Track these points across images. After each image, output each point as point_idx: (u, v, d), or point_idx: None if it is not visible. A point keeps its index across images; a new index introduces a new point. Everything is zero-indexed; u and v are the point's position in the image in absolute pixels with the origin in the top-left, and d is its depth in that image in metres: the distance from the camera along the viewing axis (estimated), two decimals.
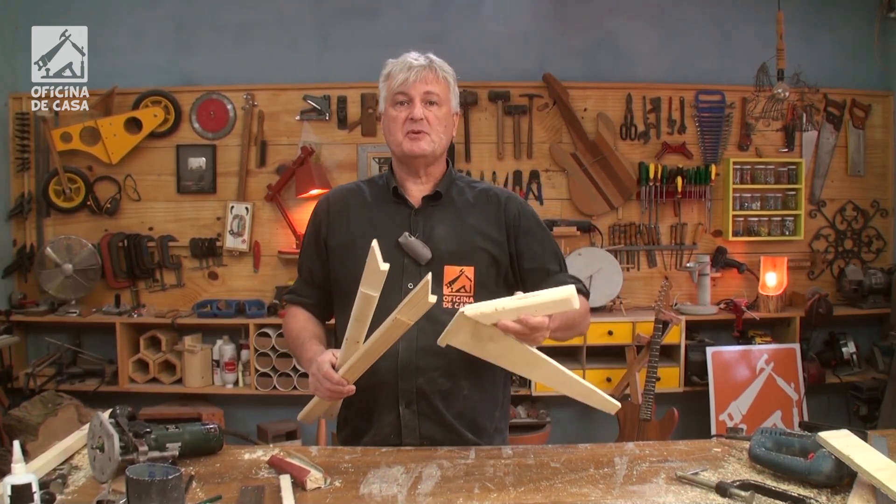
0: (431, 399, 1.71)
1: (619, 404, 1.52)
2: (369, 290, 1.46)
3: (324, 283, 1.85)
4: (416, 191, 1.80)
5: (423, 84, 1.71)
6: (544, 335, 1.46)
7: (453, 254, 1.73)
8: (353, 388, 1.56)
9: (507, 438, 1.88)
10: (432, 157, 1.77)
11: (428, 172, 1.80)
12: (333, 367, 1.56)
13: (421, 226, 1.76)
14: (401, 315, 1.43)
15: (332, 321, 1.89)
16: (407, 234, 1.72)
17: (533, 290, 1.44)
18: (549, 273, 1.80)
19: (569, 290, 1.38)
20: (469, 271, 1.73)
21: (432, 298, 1.39)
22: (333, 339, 1.84)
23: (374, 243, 1.44)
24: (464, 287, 1.72)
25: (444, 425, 1.72)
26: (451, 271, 1.72)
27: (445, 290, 1.71)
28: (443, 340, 1.45)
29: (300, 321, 1.83)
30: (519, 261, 1.79)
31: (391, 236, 1.72)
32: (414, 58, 1.75)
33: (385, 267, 1.41)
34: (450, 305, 1.71)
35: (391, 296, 1.54)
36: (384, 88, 1.77)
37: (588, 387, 1.50)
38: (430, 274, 1.42)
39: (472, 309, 1.39)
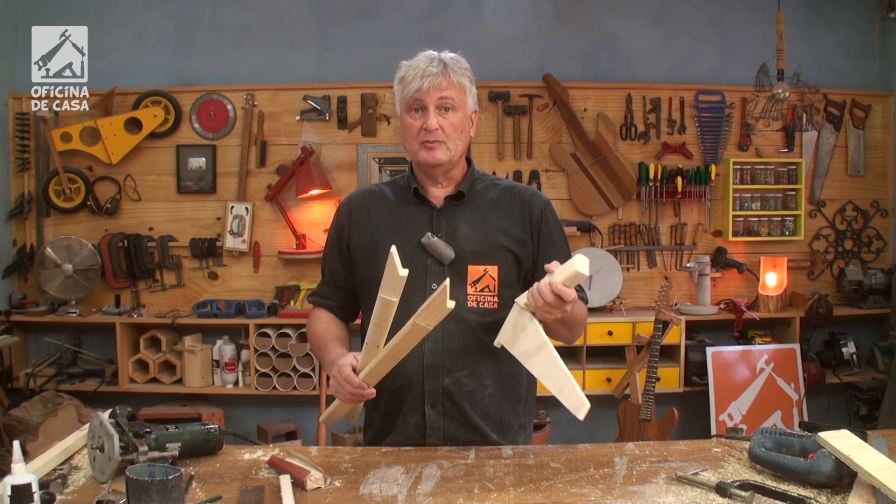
0: (457, 399, 1.71)
1: (588, 404, 1.45)
2: (389, 295, 1.45)
3: (347, 285, 1.85)
4: (438, 192, 1.79)
5: (436, 91, 1.68)
6: (566, 310, 1.51)
7: (477, 253, 1.72)
8: (374, 391, 1.56)
9: (531, 434, 1.89)
10: (449, 165, 1.75)
11: (448, 177, 1.79)
12: (354, 370, 1.56)
13: (444, 226, 1.75)
14: (420, 320, 1.43)
15: (359, 321, 1.89)
16: (430, 234, 1.72)
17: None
18: None
19: (582, 260, 1.45)
20: (493, 270, 1.72)
21: (450, 304, 1.40)
22: (360, 338, 1.83)
23: (393, 249, 1.43)
24: (488, 286, 1.72)
25: (470, 426, 1.73)
26: (474, 271, 1.72)
27: (470, 290, 1.71)
28: (499, 340, 1.57)
29: (323, 323, 1.83)
30: (535, 262, 1.79)
31: (414, 237, 1.72)
32: (428, 62, 1.70)
33: (404, 273, 1.40)
34: (475, 305, 1.71)
35: (415, 296, 1.53)
36: (398, 92, 1.75)
37: (566, 377, 1.48)
38: (447, 279, 1.41)
39: (522, 299, 1.53)
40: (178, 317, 3.95)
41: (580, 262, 1.43)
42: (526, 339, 1.53)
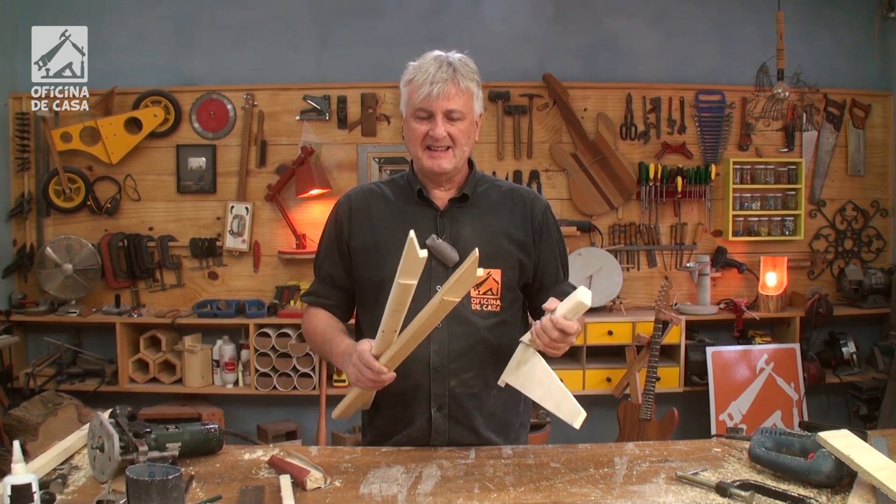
0: (462, 401, 1.71)
1: (584, 413, 1.49)
2: (407, 279, 1.43)
3: (345, 285, 1.82)
4: (441, 193, 1.78)
5: (444, 101, 1.65)
6: (571, 342, 1.54)
7: (481, 256, 1.72)
8: (394, 375, 1.55)
9: (528, 430, 1.91)
10: (454, 172, 1.75)
11: (451, 181, 1.78)
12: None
13: (447, 228, 1.74)
14: (447, 296, 1.42)
15: (353, 321, 1.88)
16: (434, 236, 1.70)
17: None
18: (556, 282, 1.81)
19: (584, 291, 1.47)
20: (496, 274, 1.72)
21: (481, 272, 1.42)
22: (355, 338, 1.79)
23: (412, 233, 1.40)
24: (491, 290, 1.71)
25: (473, 429, 1.73)
26: None
27: (473, 293, 1.71)
28: (503, 379, 1.58)
29: (323, 320, 1.81)
30: (535, 266, 1.79)
31: (417, 238, 1.71)
32: (437, 67, 1.66)
33: (423, 254, 1.38)
34: (478, 308, 1.71)
35: (418, 299, 1.51)
36: (405, 94, 1.72)
37: (565, 394, 1.52)
38: (476, 249, 1.40)
39: (527, 337, 1.56)
40: (178, 317, 3.95)
41: (582, 293, 1.47)
42: (529, 373, 1.56)
